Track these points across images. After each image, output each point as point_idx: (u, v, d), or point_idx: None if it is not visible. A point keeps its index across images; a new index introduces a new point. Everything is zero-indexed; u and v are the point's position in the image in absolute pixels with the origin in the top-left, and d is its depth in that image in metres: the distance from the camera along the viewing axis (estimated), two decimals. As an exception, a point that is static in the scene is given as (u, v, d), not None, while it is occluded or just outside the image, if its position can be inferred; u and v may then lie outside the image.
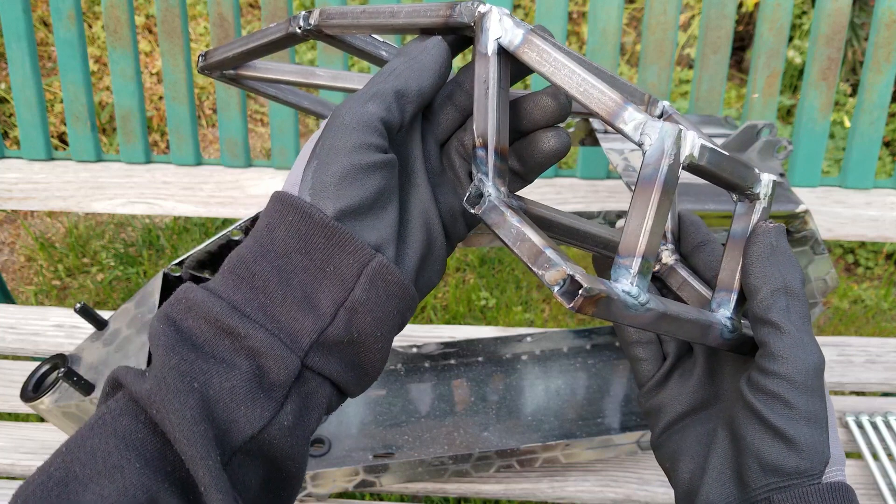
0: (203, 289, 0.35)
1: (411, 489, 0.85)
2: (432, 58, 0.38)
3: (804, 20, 1.96)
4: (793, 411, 0.36)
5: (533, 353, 0.96)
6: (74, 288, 1.69)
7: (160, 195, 1.11)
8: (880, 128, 1.04)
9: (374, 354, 0.37)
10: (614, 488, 0.85)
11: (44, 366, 0.77)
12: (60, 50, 1.08)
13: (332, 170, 0.35)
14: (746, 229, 0.39)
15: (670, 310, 0.35)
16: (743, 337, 0.39)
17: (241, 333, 0.34)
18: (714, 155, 0.35)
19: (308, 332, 0.35)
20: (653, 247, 0.34)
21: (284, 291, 0.35)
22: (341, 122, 0.35)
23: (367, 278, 0.35)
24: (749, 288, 0.39)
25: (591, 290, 0.32)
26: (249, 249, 0.36)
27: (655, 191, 0.33)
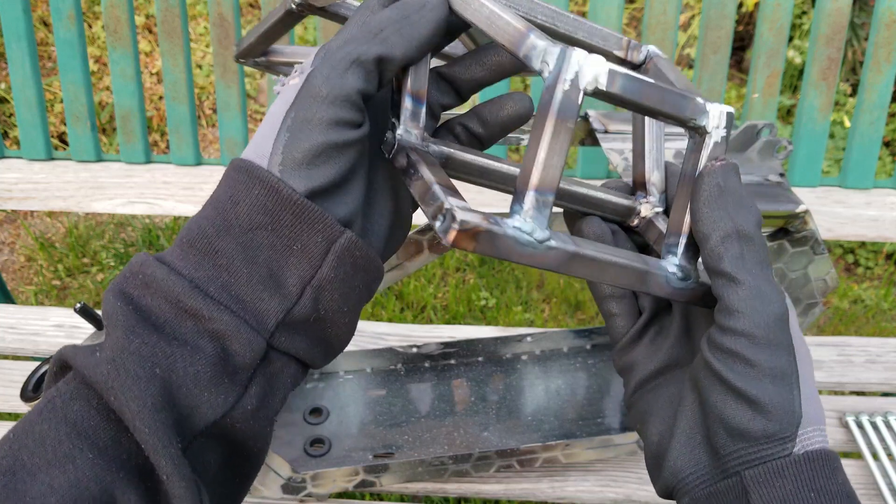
0: (160, 262, 0.33)
1: (411, 489, 0.85)
2: (428, 21, 0.35)
3: (804, 20, 1.96)
4: (754, 369, 0.34)
5: (533, 353, 0.96)
6: (74, 288, 1.69)
7: (160, 195, 1.11)
8: (880, 128, 1.04)
9: (341, 329, 0.36)
10: (614, 488, 0.85)
11: (44, 366, 0.77)
12: (60, 50, 1.08)
13: (303, 146, 0.33)
14: (696, 168, 0.36)
15: (584, 251, 0.33)
16: (704, 287, 0.37)
17: (206, 315, 0.32)
18: (630, 81, 0.33)
19: (274, 313, 0.34)
20: (548, 180, 0.31)
21: (250, 270, 0.33)
22: (317, 92, 0.33)
23: (335, 255, 0.34)
24: (699, 236, 0.36)
25: (464, 222, 0.30)
26: (211, 222, 0.34)
27: (549, 119, 0.31)
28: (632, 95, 0.33)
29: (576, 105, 0.31)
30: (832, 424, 0.93)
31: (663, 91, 0.34)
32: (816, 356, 0.99)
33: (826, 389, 0.98)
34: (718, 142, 0.36)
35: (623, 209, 0.42)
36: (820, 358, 0.99)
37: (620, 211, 0.42)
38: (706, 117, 0.35)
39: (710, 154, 0.36)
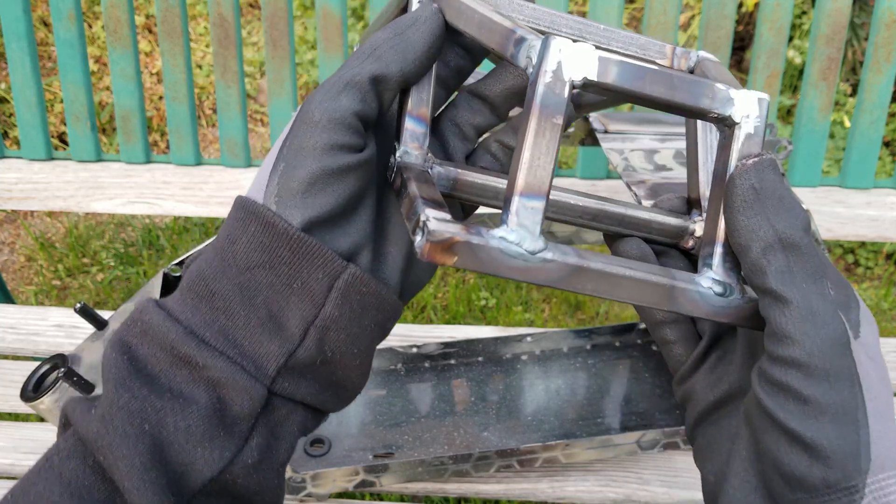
0: (160, 309, 0.32)
1: (411, 489, 0.85)
2: (422, 34, 0.33)
3: (804, 20, 1.96)
4: (809, 406, 0.28)
5: (533, 353, 0.96)
6: (74, 288, 1.69)
7: (160, 195, 1.10)
8: (880, 128, 1.04)
9: (352, 371, 0.34)
10: (614, 488, 0.85)
11: (44, 366, 0.77)
12: (60, 50, 1.08)
13: (299, 174, 0.31)
14: (725, 168, 0.31)
15: (589, 263, 0.29)
16: (753, 304, 0.31)
17: (200, 363, 0.30)
18: (628, 69, 0.29)
19: (275, 357, 0.31)
20: (536, 183, 0.28)
21: (248, 312, 0.31)
22: (310, 118, 0.31)
23: (339, 293, 0.31)
24: (737, 249, 0.31)
25: (436, 232, 0.27)
26: (209, 263, 0.32)
27: (532, 115, 0.28)
28: (632, 85, 0.29)
29: (561, 98, 0.28)
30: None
31: (671, 77, 0.29)
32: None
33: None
34: (751, 133, 0.31)
35: (673, 229, 0.37)
36: (820, 358, 0.99)
37: (670, 231, 0.37)
38: (731, 106, 0.31)
39: (741, 149, 0.31)
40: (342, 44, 1.05)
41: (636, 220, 0.37)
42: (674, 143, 0.85)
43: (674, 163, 0.82)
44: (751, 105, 0.31)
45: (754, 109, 0.31)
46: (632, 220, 0.36)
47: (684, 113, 0.31)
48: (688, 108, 0.30)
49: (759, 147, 0.31)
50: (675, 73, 0.30)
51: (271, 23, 1.04)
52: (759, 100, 0.31)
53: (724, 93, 0.30)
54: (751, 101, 0.31)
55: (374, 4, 1.04)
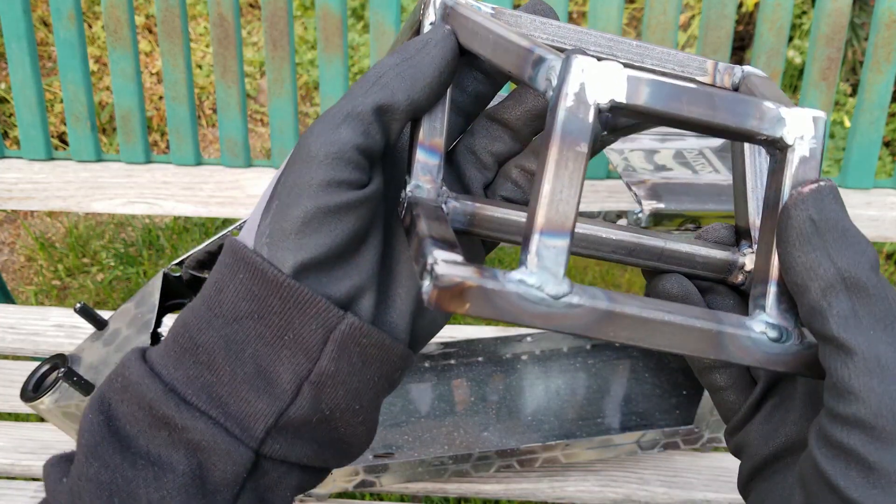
0: (143, 362, 0.29)
1: (411, 489, 0.85)
2: (432, 59, 0.30)
3: (804, 20, 1.96)
4: (874, 475, 0.24)
5: (533, 353, 0.96)
6: (74, 288, 1.69)
7: (160, 195, 1.10)
8: (880, 128, 1.04)
9: (356, 427, 0.31)
10: (614, 488, 0.85)
11: (44, 366, 0.77)
12: (60, 50, 1.08)
13: (293, 213, 0.28)
14: (779, 196, 0.27)
15: (622, 308, 0.26)
16: (814, 351, 0.28)
17: (179, 424, 0.28)
18: (661, 88, 0.26)
19: (263, 416, 0.28)
20: (558, 218, 0.25)
21: (234, 366, 0.28)
22: (307, 153, 0.28)
23: (336, 345, 0.28)
24: (793, 289, 0.27)
25: (443, 277, 0.24)
26: (195, 313, 0.29)
27: (552, 144, 0.25)
28: (667, 107, 0.26)
29: (585, 124, 0.25)
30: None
31: (711, 96, 0.26)
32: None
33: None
34: (806, 156, 0.27)
35: (720, 263, 0.34)
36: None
37: (716, 265, 0.34)
38: (782, 126, 0.27)
39: (795, 175, 0.27)
40: (342, 44, 1.05)
41: (677, 254, 0.33)
42: (674, 143, 0.85)
43: (674, 163, 0.82)
44: (805, 125, 0.27)
45: (809, 129, 0.27)
46: (672, 253, 0.33)
47: (729, 136, 0.28)
48: (733, 131, 0.27)
49: (816, 172, 0.27)
50: (717, 92, 0.27)
51: (271, 23, 1.04)
52: (814, 118, 0.28)
53: (773, 112, 0.27)
54: (805, 121, 0.27)
55: (374, 4, 1.04)
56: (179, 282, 0.85)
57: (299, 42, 2.04)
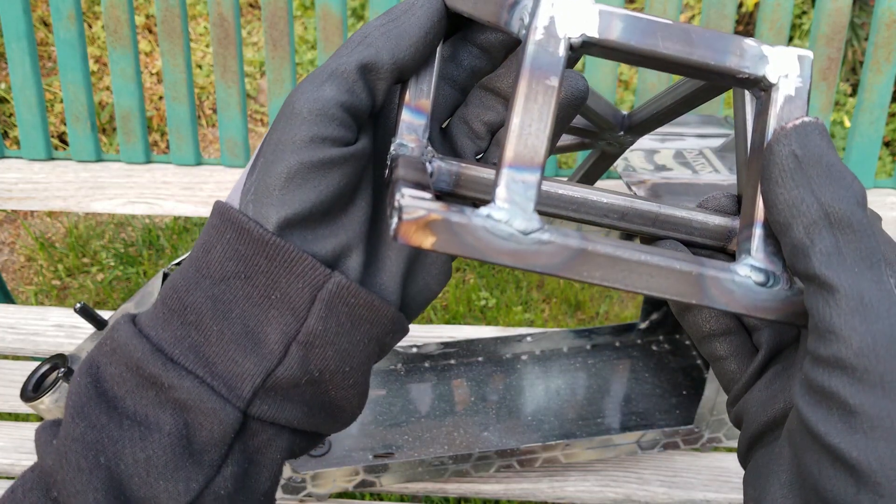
0: (132, 325, 0.29)
1: (411, 489, 0.85)
2: (417, 19, 0.30)
3: (804, 20, 1.96)
4: (855, 418, 0.23)
5: (533, 353, 0.96)
6: (74, 288, 1.69)
7: (160, 195, 1.10)
8: (880, 128, 1.04)
9: (347, 391, 0.30)
10: (614, 488, 0.85)
11: (44, 366, 0.77)
12: (60, 50, 1.08)
13: (276, 170, 0.28)
14: (763, 137, 0.26)
15: (597, 247, 0.24)
16: (799, 298, 0.26)
17: (166, 384, 0.28)
18: (637, 23, 0.25)
19: (250, 376, 0.28)
20: (527, 152, 0.24)
21: (221, 326, 0.28)
22: (291, 110, 0.28)
23: (323, 304, 0.28)
24: (776, 228, 0.26)
25: (408, 208, 0.24)
26: (183, 274, 0.29)
27: (522, 77, 0.24)
28: (641, 42, 0.25)
29: (556, 58, 0.25)
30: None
31: (688, 31, 0.25)
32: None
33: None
34: (792, 95, 0.26)
35: (717, 229, 0.32)
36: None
37: (714, 232, 0.32)
38: (765, 64, 0.26)
39: (780, 114, 0.26)
40: (342, 43, 1.05)
41: (673, 219, 0.32)
42: (674, 143, 0.85)
43: (674, 163, 0.82)
44: (789, 62, 0.26)
45: (794, 68, 0.26)
46: (667, 218, 0.32)
47: (707, 75, 0.26)
48: (711, 69, 0.25)
49: (802, 111, 0.26)
50: (694, 28, 0.25)
51: (271, 23, 1.04)
52: (799, 56, 0.26)
53: (755, 49, 0.26)
54: (790, 59, 0.26)
55: (374, 4, 1.04)
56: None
57: (299, 42, 2.04)
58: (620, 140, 0.58)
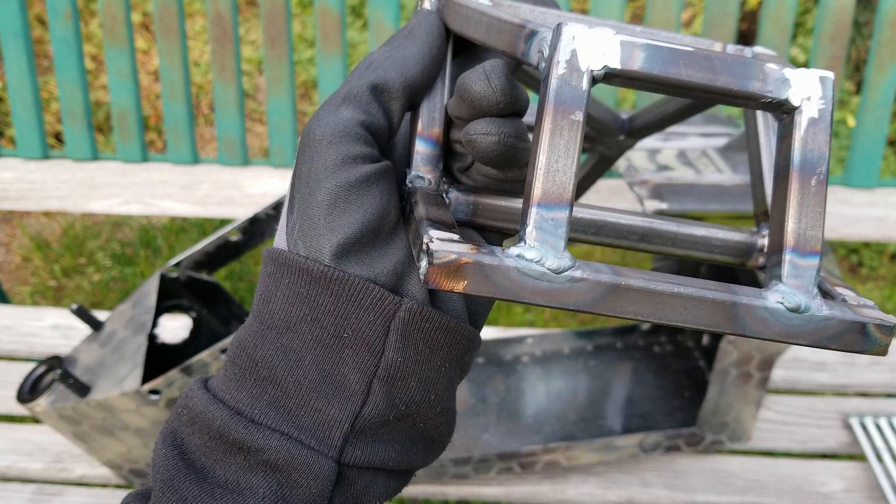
0: (206, 391, 0.28)
1: (411, 492, 0.84)
2: (420, 41, 0.30)
3: (807, 18, 1.96)
4: None
5: (534, 355, 0.96)
6: (70, 288, 1.68)
7: (157, 194, 1.10)
8: (884, 126, 1.03)
9: (435, 419, 0.29)
10: (616, 491, 0.84)
11: (40, 367, 0.76)
12: (57, 48, 1.07)
13: (317, 199, 0.27)
14: (788, 161, 0.26)
15: (630, 281, 0.24)
16: (836, 322, 0.26)
17: (252, 447, 0.26)
18: (659, 53, 0.25)
19: (338, 422, 0.27)
20: (555, 190, 0.24)
21: (297, 376, 0.27)
22: (313, 139, 0.28)
23: (398, 334, 0.27)
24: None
25: (438, 253, 0.23)
26: (248, 330, 0.28)
27: (546, 113, 0.24)
28: (664, 71, 0.25)
29: (579, 91, 0.24)
30: (836, 426, 0.92)
31: (711, 59, 0.25)
32: (820, 357, 0.99)
33: (830, 391, 0.97)
34: (815, 118, 0.26)
35: (738, 246, 0.32)
36: (823, 359, 0.98)
37: (735, 249, 0.32)
38: (787, 87, 0.26)
39: (805, 137, 0.26)
40: (341, 42, 1.04)
41: (692, 238, 0.32)
42: (676, 143, 0.84)
43: (677, 163, 0.81)
44: (811, 85, 0.26)
45: (816, 90, 0.26)
46: (687, 237, 0.32)
47: (731, 101, 0.26)
48: (736, 94, 0.25)
49: (826, 134, 0.26)
50: (716, 54, 0.25)
51: (269, 20, 1.03)
52: (821, 78, 0.26)
53: (777, 73, 0.26)
54: (811, 81, 0.26)
55: (373, 2, 1.03)
56: (176, 283, 0.84)
57: (298, 40, 2.03)
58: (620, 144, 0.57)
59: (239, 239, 0.83)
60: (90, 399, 0.70)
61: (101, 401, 0.70)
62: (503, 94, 0.27)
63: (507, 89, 0.27)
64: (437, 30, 0.31)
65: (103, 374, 0.73)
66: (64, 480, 0.87)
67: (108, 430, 0.74)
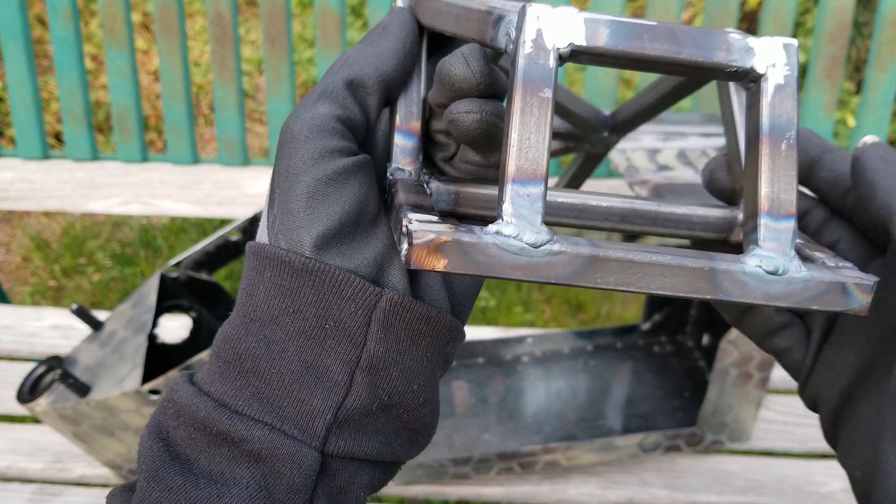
0: (188, 383, 0.29)
1: (411, 492, 0.84)
2: (394, 36, 0.31)
3: (807, 18, 1.96)
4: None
5: (534, 355, 0.96)
6: (70, 288, 1.68)
7: (157, 194, 1.10)
8: (885, 127, 1.03)
9: (419, 410, 0.30)
10: (616, 491, 0.84)
11: (40, 367, 0.76)
12: (57, 48, 1.07)
13: (295, 193, 0.27)
14: (758, 127, 0.27)
15: (609, 252, 0.24)
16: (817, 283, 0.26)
17: (236, 437, 0.27)
18: (623, 28, 0.25)
19: (321, 413, 0.27)
20: (528, 166, 0.25)
21: (279, 368, 0.27)
22: (290, 135, 0.28)
23: (380, 324, 0.27)
24: (879, 214, 0.29)
25: (417, 233, 0.24)
26: (232, 324, 0.29)
27: (516, 92, 0.25)
28: (629, 46, 0.25)
29: (547, 69, 0.25)
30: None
31: (674, 31, 0.26)
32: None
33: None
34: (782, 84, 0.26)
35: (718, 222, 0.33)
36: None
37: (715, 225, 0.33)
38: (752, 56, 0.26)
39: (772, 103, 0.27)
40: (341, 41, 1.04)
41: (673, 217, 0.32)
42: (676, 143, 0.84)
43: (676, 162, 0.81)
44: (775, 52, 0.26)
45: (781, 56, 0.26)
46: (668, 216, 0.32)
47: (696, 72, 0.26)
48: (700, 66, 0.26)
49: (793, 99, 0.26)
50: (679, 27, 0.26)
51: (269, 20, 1.03)
52: (785, 45, 0.26)
53: (741, 42, 0.26)
54: (775, 48, 0.26)
55: (372, 2, 1.03)
56: (176, 283, 0.84)
57: (298, 40, 2.03)
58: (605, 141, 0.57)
59: (239, 239, 0.83)
60: (90, 399, 0.70)
61: (101, 401, 0.70)
62: (482, 76, 0.28)
63: (485, 70, 0.28)
64: (409, 25, 0.31)
65: (103, 374, 0.73)
66: (64, 480, 0.87)
67: (108, 430, 0.74)
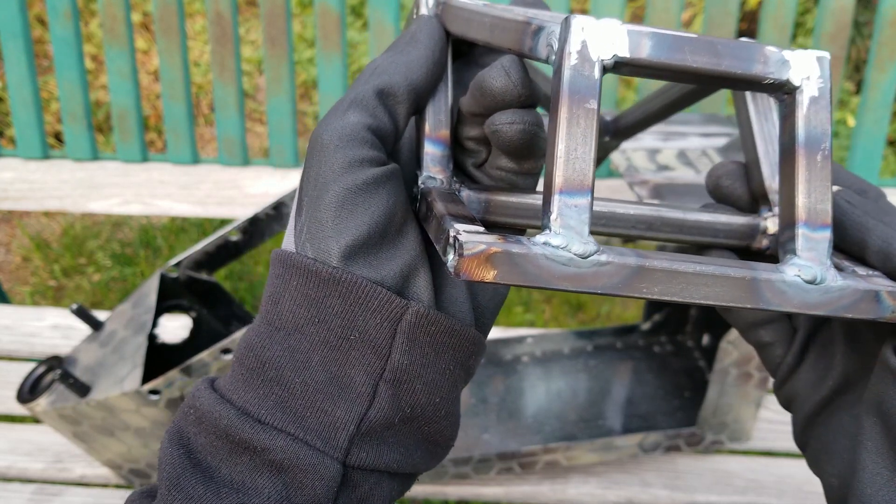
0: (210, 389, 0.28)
1: (411, 492, 0.84)
2: (423, 45, 0.31)
3: (808, 18, 1.95)
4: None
5: (534, 355, 0.96)
6: (70, 288, 1.68)
7: (157, 194, 1.10)
8: (884, 126, 1.03)
9: (440, 423, 0.30)
10: (616, 491, 0.84)
11: (40, 367, 0.76)
12: (57, 48, 1.07)
13: (324, 202, 0.27)
14: (793, 139, 0.28)
15: (655, 263, 0.25)
16: (850, 291, 0.27)
17: (258, 447, 0.26)
18: (665, 40, 0.26)
19: (344, 424, 0.27)
20: (576, 177, 0.25)
21: (303, 377, 0.27)
22: (321, 144, 0.28)
23: (405, 337, 0.27)
24: (879, 257, 0.29)
25: (468, 245, 0.24)
26: (256, 331, 0.28)
27: (562, 103, 0.25)
28: (671, 58, 0.26)
29: (592, 80, 0.25)
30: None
31: (714, 44, 0.26)
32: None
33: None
34: (816, 96, 0.27)
35: (742, 229, 0.33)
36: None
37: (738, 232, 0.33)
38: (788, 68, 0.27)
39: (807, 115, 0.27)
40: (340, 42, 1.04)
41: (699, 224, 0.33)
42: (676, 143, 0.84)
43: (677, 162, 0.81)
44: (810, 65, 0.27)
45: (815, 69, 0.27)
46: (693, 224, 0.33)
47: (735, 84, 0.27)
48: (738, 78, 0.26)
49: (827, 112, 0.27)
50: (718, 39, 0.26)
51: (269, 20, 1.03)
52: (818, 58, 0.27)
53: (777, 55, 0.27)
54: (809, 61, 0.27)
55: (373, 2, 1.03)
56: (176, 283, 0.84)
57: (298, 40, 2.03)
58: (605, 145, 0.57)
59: (239, 239, 0.83)
60: (90, 399, 0.70)
61: (101, 401, 0.70)
62: (524, 87, 0.28)
63: (526, 82, 0.28)
64: (437, 34, 0.32)
65: (103, 374, 0.73)
66: (64, 480, 0.87)
67: (108, 430, 0.74)
